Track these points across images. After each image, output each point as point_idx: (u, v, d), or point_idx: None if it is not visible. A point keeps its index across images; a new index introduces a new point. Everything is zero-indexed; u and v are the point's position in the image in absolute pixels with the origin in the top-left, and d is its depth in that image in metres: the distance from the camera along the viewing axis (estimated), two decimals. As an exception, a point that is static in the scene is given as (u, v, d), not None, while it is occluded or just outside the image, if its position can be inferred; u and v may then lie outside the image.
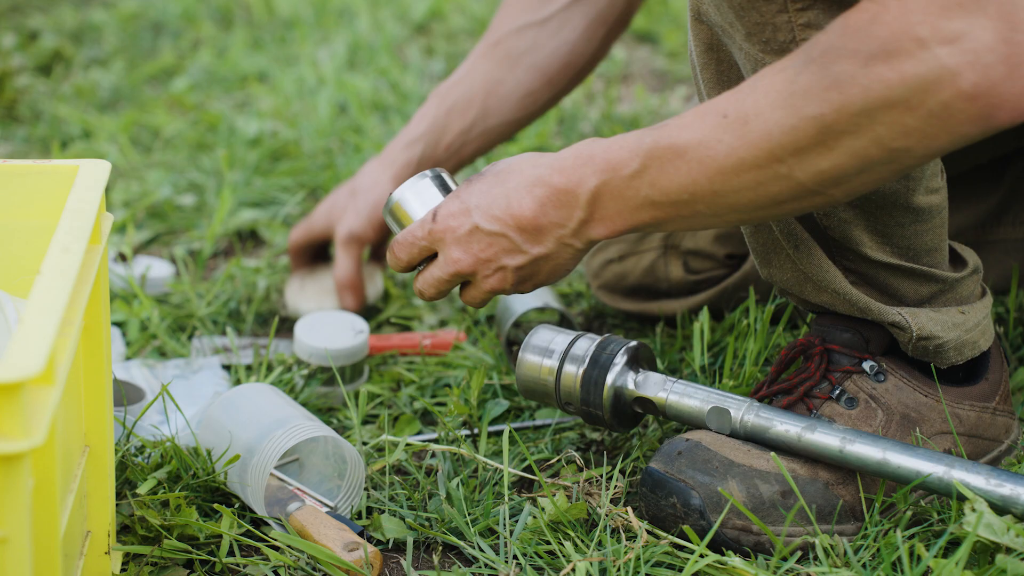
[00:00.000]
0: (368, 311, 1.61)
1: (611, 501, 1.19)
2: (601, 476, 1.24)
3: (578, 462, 1.25)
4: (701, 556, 1.08)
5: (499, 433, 1.34)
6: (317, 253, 1.65)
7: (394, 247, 1.18)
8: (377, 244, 1.62)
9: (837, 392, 1.17)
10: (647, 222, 1.06)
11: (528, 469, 1.27)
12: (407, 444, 1.30)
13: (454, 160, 1.55)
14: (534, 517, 1.16)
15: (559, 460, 1.30)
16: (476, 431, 1.33)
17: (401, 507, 1.23)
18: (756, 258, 1.20)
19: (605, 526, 1.14)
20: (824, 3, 1.02)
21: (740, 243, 1.50)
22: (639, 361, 1.24)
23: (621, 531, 1.13)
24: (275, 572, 1.13)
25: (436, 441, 1.33)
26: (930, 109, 0.91)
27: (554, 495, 1.16)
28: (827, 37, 0.95)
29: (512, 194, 1.09)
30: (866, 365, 1.18)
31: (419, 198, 1.19)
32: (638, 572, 1.09)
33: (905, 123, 0.92)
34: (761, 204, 1.01)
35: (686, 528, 1.11)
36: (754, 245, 1.19)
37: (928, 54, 0.90)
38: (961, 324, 1.17)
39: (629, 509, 1.15)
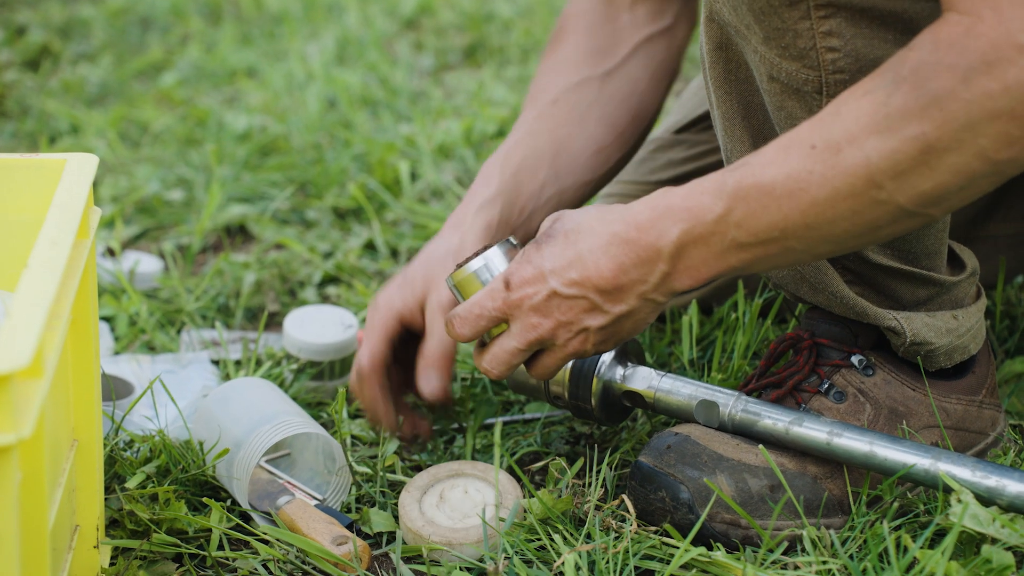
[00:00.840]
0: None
1: (600, 496, 1.19)
2: (589, 470, 1.24)
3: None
4: (688, 550, 1.08)
5: (488, 428, 1.34)
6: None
7: (455, 320, 1.10)
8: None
9: (826, 386, 1.18)
10: (735, 266, 1.01)
11: (518, 463, 1.27)
12: (398, 437, 1.30)
13: (526, 227, 1.36)
14: (524, 512, 1.16)
15: (548, 454, 1.30)
16: (465, 425, 1.33)
17: (391, 501, 1.23)
18: None
19: (594, 520, 1.14)
20: (847, 12, 1.01)
21: None
22: (628, 355, 1.24)
23: (612, 524, 1.13)
24: (264, 566, 1.13)
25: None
26: None
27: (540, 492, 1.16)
28: (916, 54, 0.92)
29: (587, 256, 1.04)
30: (855, 359, 1.18)
31: (492, 269, 1.12)
32: (627, 564, 1.09)
33: (1010, 133, 0.90)
34: (857, 233, 0.98)
35: (673, 523, 1.12)
36: None
37: None
38: (954, 330, 1.17)
39: (624, 497, 1.15)
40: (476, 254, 1.13)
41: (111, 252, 1.74)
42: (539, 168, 1.32)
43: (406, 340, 1.27)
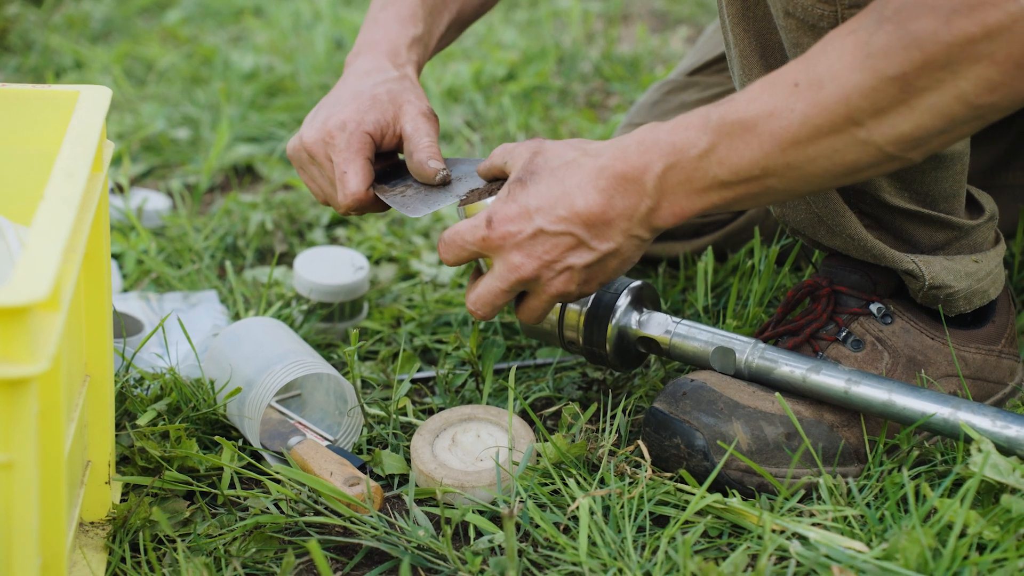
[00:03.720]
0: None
1: (614, 442, 1.18)
2: (603, 416, 1.23)
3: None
4: (703, 496, 1.07)
5: (499, 372, 1.33)
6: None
7: (440, 244, 1.11)
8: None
9: (843, 334, 1.17)
10: (716, 203, 1.01)
11: (531, 408, 1.27)
12: (411, 381, 1.29)
13: (429, 56, 1.39)
14: (538, 456, 1.15)
15: (561, 400, 1.29)
16: (481, 370, 1.33)
17: (403, 443, 1.22)
18: None
19: (608, 465, 1.14)
20: None
21: None
22: (643, 301, 1.23)
23: (626, 469, 1.13)
24: (276, 505, 1.12)
25: (436, 379, 1.32)
26: (1016, 60, 0.88)
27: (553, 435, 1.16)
28: None
29: (575, 190, 1.04)
30: (873, 307, 1.17)
31: None
32: (641, 510, 1.08)
33: (991, 78, 0.89)
34: (836, 173, 0.97)
35: (688, 470, 1.11)
36: None
37: (1011, 2, 0.87)
38: (973, 273, 1.16)
39: (639, 443, 1.14)
40: (489, 191, 1.12)
41: (119, 188, 1.72)
42: (447, 8, 1.34)
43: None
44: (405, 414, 1.27)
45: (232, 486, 1.15)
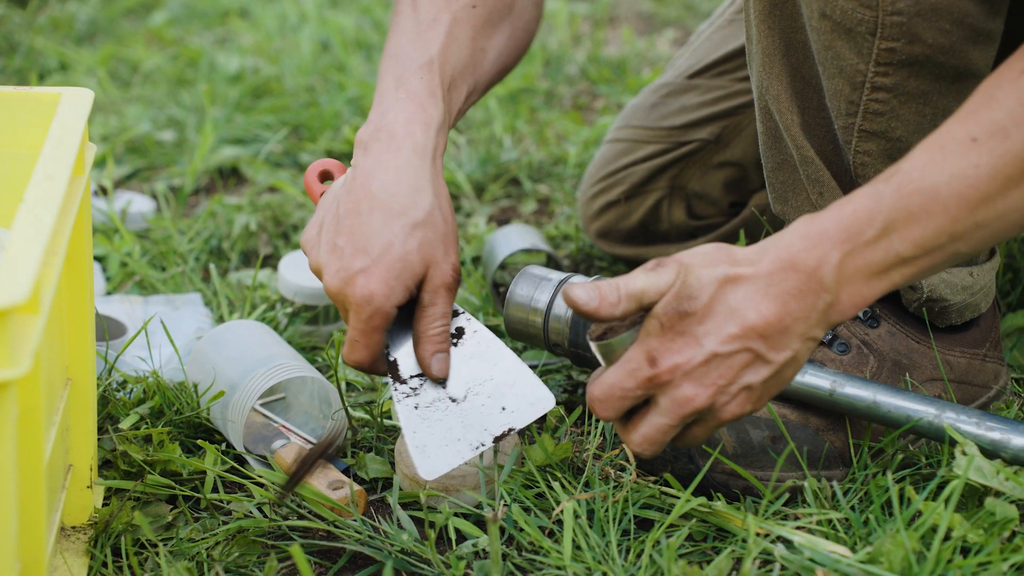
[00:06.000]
0: None
1: (598, 445, 1.18)
2: (588, 419, 1.23)
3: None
4: (688, 500, 1.07)
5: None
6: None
7: (596, 405, 0.98)
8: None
9: (830, 337, 1.17)
10: (897, 282, 0.95)
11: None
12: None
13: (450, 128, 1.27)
14: (523, 459, 1.15)
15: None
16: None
17: (387, 447, 1.22)
18: (772, 194, 1.18)
19: (593, 468, 1.13)
20: None
21: (745, 191, 1.49)
22: (629, 303, 1.22)
23: (611, 473, 1.12)
24: (259, 509, 1.12)
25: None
26: None
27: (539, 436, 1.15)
28: None
29: (744, 303, 0.95)
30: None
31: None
32: (626, 514, 1.08)
33: None
34: None
35: (673, 473, 1.11)
36: (774, 181, 1.17)
37: None
38: (969, 287, 1.16)
39: (624, 446, 1.14)
40: (627, 325, 0.99)
41: (103, 191, 1.71)
42: (465, 82, 1.22)
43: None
44: (390, 418, 1.27)
45: (215, 490, 1.15)
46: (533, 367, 1.34)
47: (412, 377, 1.09)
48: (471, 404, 1.05)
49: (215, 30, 2.38)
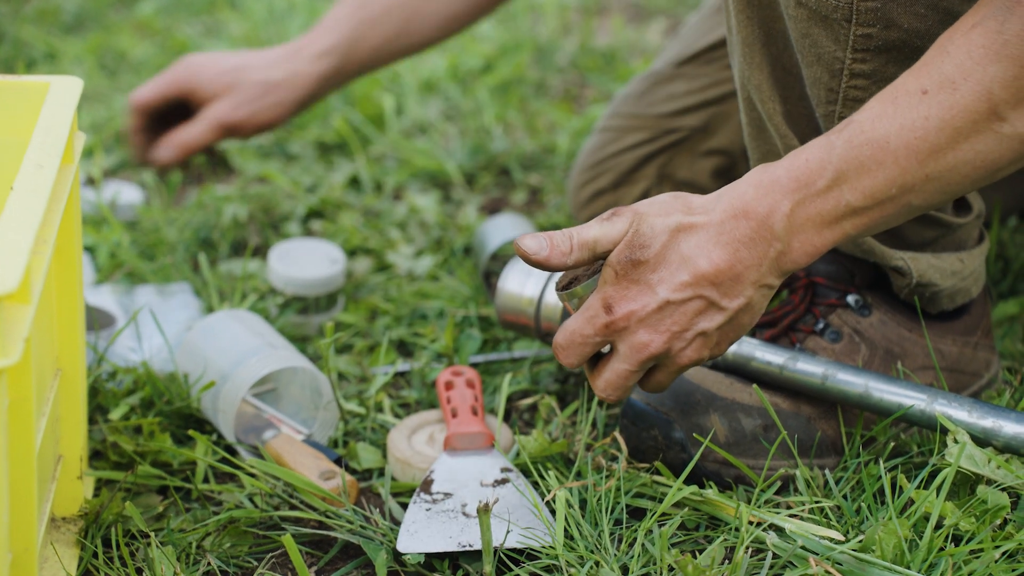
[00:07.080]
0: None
1: (590, 435, 1.18)
2: (580, 409, 1.23)
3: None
4: (680, 488, 1.07)
5: (476, 365, 1.33)
6: (166, 114, 1.53)
7: (559, 351, 1.02)
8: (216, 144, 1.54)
9: (821, 326, 1.17)
10: (849, 232, 0.96)
11: (507, 401, 1.26)
12: (385, 375, 1.28)
13: (359, 74, 1.41)
14: (517, 452, 1.15)
15: (537, 393, 1.29)
16: (457, 363, 1.32)
17: (379, 439, 1.22)
18: None
19: (585, 458, 1.13)
20: None
21: (734, 180, 1.48)
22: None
23: (603, 463, 1.12)
24: (251, 499, 1.11)
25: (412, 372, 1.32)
26: None
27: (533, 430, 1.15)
28: None
29: (695, 252, 0.97)
30: (850, 299, 1.17)
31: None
32: (618, 502, 1.08)
33: None
34: (976, 177, 0.94)
35: (665, 462, 1.11)
36: None
37: None
38: (959, 272, 1.16)
39: (616, 435, 1.14)
40: (590, 274, 1.02)
41: (91, 181, 1.70)
42: (387, 23, 1.28)
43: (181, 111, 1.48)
44: (382, 409, 1.26)
45: (206, 480, 1.14)
46: (524, 358, 1.34)
47: (439, 492, 1.09)
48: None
49: (203, 19, 2.37)
